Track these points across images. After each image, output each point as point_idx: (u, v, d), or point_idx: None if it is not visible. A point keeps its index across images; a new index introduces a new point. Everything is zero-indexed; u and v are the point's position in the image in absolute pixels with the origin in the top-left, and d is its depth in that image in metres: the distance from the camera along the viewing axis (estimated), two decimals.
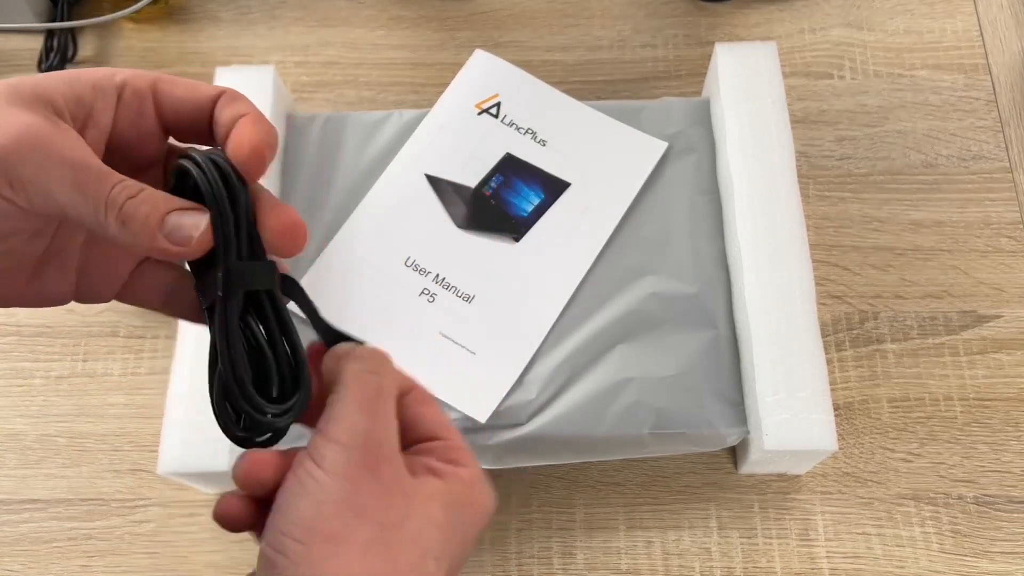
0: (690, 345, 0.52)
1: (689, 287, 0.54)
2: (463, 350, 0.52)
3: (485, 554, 0.53)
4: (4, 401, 0.58)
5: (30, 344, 0.59)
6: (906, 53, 0.67)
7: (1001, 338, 0.58)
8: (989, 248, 0.60)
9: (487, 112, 0.59)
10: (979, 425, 0.55)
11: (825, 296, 0.59)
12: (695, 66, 0.67)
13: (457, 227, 0.56)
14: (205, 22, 0.70)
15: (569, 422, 0.50)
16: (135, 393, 0.58)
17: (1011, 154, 0.63)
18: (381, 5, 0.71)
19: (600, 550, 0.53)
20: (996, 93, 0.65)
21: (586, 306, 0.54)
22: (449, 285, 0.54)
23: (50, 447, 0.56)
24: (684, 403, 0.51)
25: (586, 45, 0.69)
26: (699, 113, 0.59)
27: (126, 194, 0.29)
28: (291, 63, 0.68)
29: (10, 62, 0.69)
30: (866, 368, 0.57)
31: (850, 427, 0.56)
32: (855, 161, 0.63)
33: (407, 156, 0.58)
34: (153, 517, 0.55)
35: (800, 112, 0.65)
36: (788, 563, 0.52)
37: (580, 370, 0.52)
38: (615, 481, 0.55)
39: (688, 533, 0.53)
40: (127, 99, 0.31)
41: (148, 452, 0.56)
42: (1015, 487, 0.54)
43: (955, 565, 0.52)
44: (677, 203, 0.57)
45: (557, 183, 0.57)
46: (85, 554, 0.54)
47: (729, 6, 0.70)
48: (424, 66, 0.68)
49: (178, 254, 0.30)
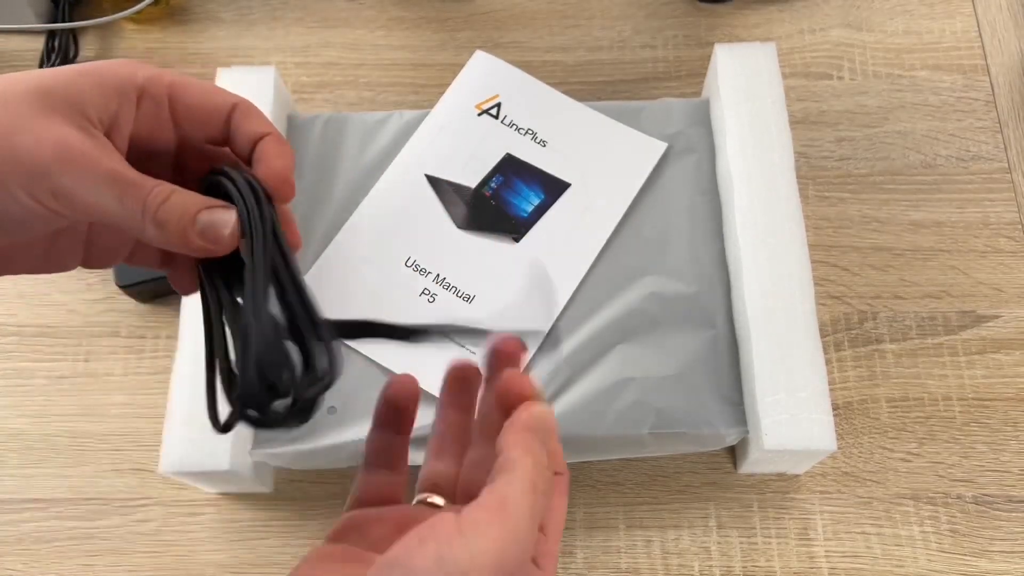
0: (690, 345, 0.52)
1: (689, 287, 0.54)
2: (463, 350, 0.53)
3: None
4: (6, 401, 0.58)
5: (32, 344, 0.59)
6: (905, 54, 0.67)
7: (1000, 338, 0.58)
8: (988, 248, 0.60)
9: (487, 113, 0.60)
10: (978, 425, 0.56)
11: (824, 296, 0.59)
12: (695, 67, 0.67)
13: (457, 227, 0.56)
14: (206, 23, 0.70)
15: (569, 422, 0.51)
16: (137, 393, 0.58)
17: (1010, 155, 0.63)
18: (381, 6, 0.71)
19: (600, 549, 0.53)
20: (995, 94, 0.65)
21: (586, 306, 0.54)
22: (449, 285, 0.54)
23: (52, 447, 0.57)
24: (684, 403, 0.51)
25: (586, 46, 0.69)
26: (699, 114, 0.60)
27: (159, 200, 0.30)
28: (291, 64, 0.68)
29: (11, 62, 0.69)
30: (865, 368, 0.57)
31: (849, 427, 0.56)
32: (854, 162, 0.63)
33: (407, 157, 0.58)
34: (155, 516, 0.55)
35: (800, 113, 0.65)
36: (787, 562, 0.52)
37: (580, 370, 0.52)
38: (615, 480, 0.55)
39: (687, 532, 0.53)
40: (146, 106, 0.32)
41: (150, 451, 0.56)
42: (1014, 487, 0.54)
43: (954, 564, 0.52)
44: (677, 203, 0.57)
45: (557, 183, 0.57)
46: (87, 553, 0.54)
47: (729, 7, 0.70)
48: (424, 67, 0.68)
49: (212, 251, 0.31)
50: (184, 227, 0.30)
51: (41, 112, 0.29)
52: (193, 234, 0.30)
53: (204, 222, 0.31)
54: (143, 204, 0.30)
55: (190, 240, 0.31)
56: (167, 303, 0.60)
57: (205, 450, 0.49)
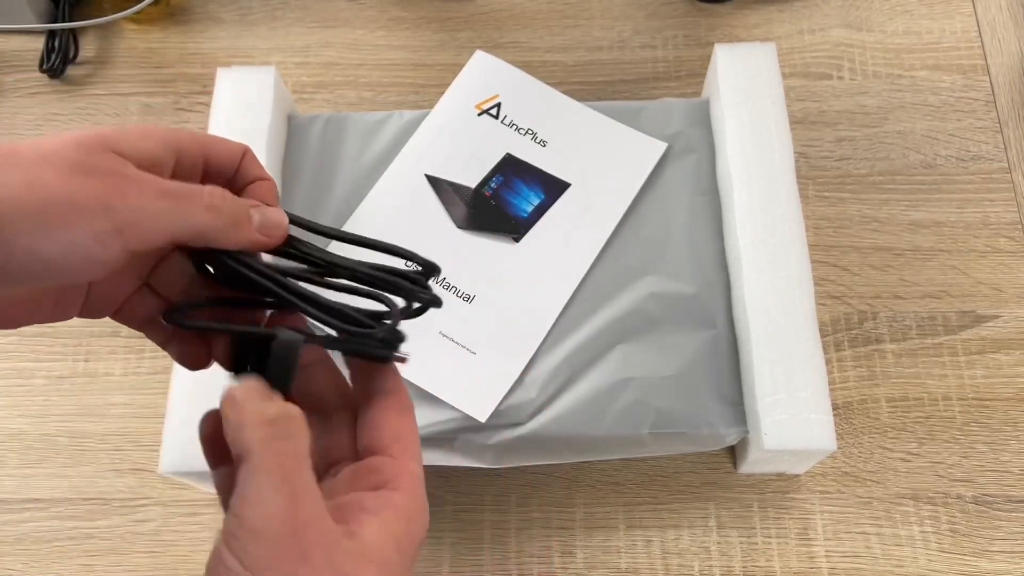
0: (690, 345, 0.52)
1: (689, 287, 0.54)
2: (463, 350, 0.53)
3: (485, 554, 0.53)
4: (6, 401, 0.58)
5: (32, 344, 0.59)
6: (905, 54, 0.67)
7: (1000, 338, 0.58)
8: (988, 248, 0.60)
9: (487, 113, 0.60)
10: (978, 425, 0.56)
11: (824, 296, 0.59)
12: (695, 67, 0.67)
13: (457, 227, 0.56)
14: (206, 23, 0.70)
15: (569, 422, 0.51)
16: (136, 393, 0.58)
17: (1010, 154, 0.63)
18: (381, 6, 0.71)
19: (600, 549, 0.53)
20: (995, 94, 0.65)
21: (586, 306, 0.54)
22: (449, 285, 0.54)
23: (51, 447, 0.57)
24: (684, 403, 0.51)
25: (586, 46, 0.69)
26: (699, 114, 0.60)
27: (216, 193, 0.32)
28: (292, 64, 0.68)
29: (11, 63, 0.69)
30: (865, 368, 0.57)
31: (849, 427, 0.56)
32: (854, 162, 0.64)
33: (407, 157, 0.58)
34: (154, 516, 0.55)
35: (799, 113, 0.65)
36: (787, 562, 0.52)
37: (580, 370, 0.52)
38: (614, 480, 0.55)
39: (687, 532, 0.53)
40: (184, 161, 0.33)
41: (149, 452, 0.56)
42: (1014, 486, 0.54)
43: (954, 564, 0.52)
44: (677, 203, 0.57)
45: (557, 183, 0.57)
46: (86, 553, 0.54)
47: (729, 7, 0.70)
48: (424, 67, 0.68)
49: (266, 243, 0.33)
50: (246, 224, 0.32)
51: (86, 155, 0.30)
52: (249, 226, 0.32)
53: (259, 220, 0.33)
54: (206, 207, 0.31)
55: (251, 234, 0.32)
56: None
57: None
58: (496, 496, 0.55)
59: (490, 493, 0.55)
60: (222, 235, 0.32)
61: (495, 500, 0.55)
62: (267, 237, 0.33)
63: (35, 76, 0.69)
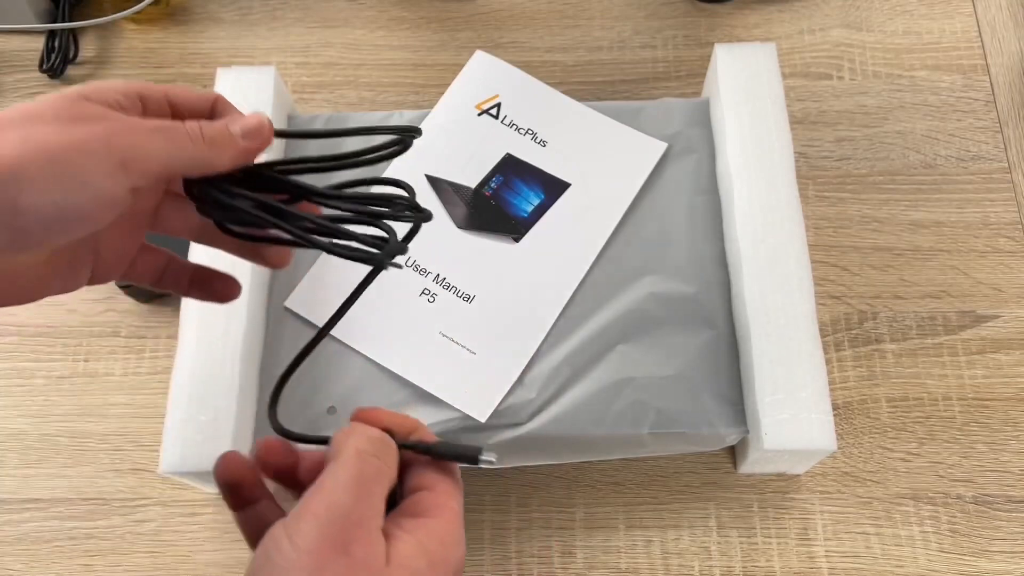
0: (689, 345, 0.52)
1: (688, 287, 0.54)
2: (463, 350, 0.53)
3: (485, 553, 0.53)
4: (6, 401, 0.58)
5: (32, 344, 0.59)
6: (905, 54, 0.67)
7: (1000, 338, 0.58)
8: (988, 248, 0.60)
9: (487, 113, 0.60)
10: (978, 425, 0.56)
11: (824, 296, 0.59)
12: (695, 67, 0.67)
13: (457, 227, 0.56)
14: (206, 23, 0.70)
15: (569, 422, 0.51)
16: (136, 393, 0.58)
17: (1010, 154, 0.63)
18: (381, 6, 0.71)
19: (600, 549, 0.53)
20: (995, 94, 0.65)
21: (586, 306, 0.54)
22: (449, 285, 0.54)
23: (51, 447, 0.57)
24: (684, 403, 0.51)
25: (586, 46, 0.69)
26: (699, 114, 0.60)
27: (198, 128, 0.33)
28: (292, 64, 0.68)
29: (11, 62, 0.69)
30: (865, 368, 0.57)
31: (849, 427, 0.56)
32: (854, 162, 0.64)
33: (407, 157, 0.58)
34: (154, 516, 0.55)
35: (799, 113, 0.65)
36: (787, 562, 0.52)
37: (580, 370, 0.52)
38: (615, 481, 0.55)
39: (687, 532, 0.53)
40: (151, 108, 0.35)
41: (149, 452, 0.56)
42: (1013, 487, 0.54)
43: (954, 564, 0.52)
44: (677, 203, 0.57)
45: (557, 183, 0.57)
46: (86, 553, 0.54)
47: (729, 7, 0.70)
48: (424, 67, 0.68)
49: (259, 148, 0.35)
50: (228, 138, 0.34)
51: (82, 100, 0.32)
52: (232, 140, 0.34)
53: (237, 129, 0.34)
54: (188, 136, 0.33)
55: (237, 144, 0.34)
56: (167, 303, 0.60)
57: (204, 450, 0.49)
58: (496, 496, 0.55)
59: (490, 493, 0.55)
60: (214, 156, 0.33)
61: (495, 500, 0.55)
62: (254, 142, 0.35)
63: (35, 76, 0.69)
